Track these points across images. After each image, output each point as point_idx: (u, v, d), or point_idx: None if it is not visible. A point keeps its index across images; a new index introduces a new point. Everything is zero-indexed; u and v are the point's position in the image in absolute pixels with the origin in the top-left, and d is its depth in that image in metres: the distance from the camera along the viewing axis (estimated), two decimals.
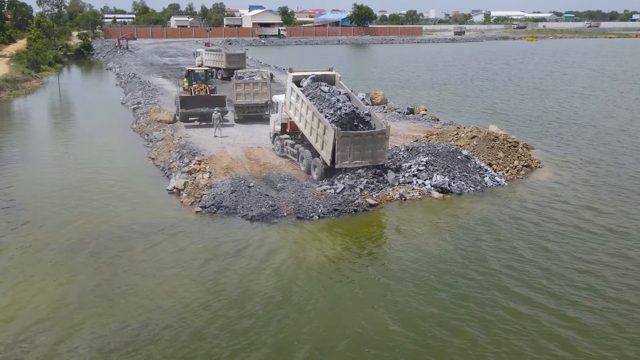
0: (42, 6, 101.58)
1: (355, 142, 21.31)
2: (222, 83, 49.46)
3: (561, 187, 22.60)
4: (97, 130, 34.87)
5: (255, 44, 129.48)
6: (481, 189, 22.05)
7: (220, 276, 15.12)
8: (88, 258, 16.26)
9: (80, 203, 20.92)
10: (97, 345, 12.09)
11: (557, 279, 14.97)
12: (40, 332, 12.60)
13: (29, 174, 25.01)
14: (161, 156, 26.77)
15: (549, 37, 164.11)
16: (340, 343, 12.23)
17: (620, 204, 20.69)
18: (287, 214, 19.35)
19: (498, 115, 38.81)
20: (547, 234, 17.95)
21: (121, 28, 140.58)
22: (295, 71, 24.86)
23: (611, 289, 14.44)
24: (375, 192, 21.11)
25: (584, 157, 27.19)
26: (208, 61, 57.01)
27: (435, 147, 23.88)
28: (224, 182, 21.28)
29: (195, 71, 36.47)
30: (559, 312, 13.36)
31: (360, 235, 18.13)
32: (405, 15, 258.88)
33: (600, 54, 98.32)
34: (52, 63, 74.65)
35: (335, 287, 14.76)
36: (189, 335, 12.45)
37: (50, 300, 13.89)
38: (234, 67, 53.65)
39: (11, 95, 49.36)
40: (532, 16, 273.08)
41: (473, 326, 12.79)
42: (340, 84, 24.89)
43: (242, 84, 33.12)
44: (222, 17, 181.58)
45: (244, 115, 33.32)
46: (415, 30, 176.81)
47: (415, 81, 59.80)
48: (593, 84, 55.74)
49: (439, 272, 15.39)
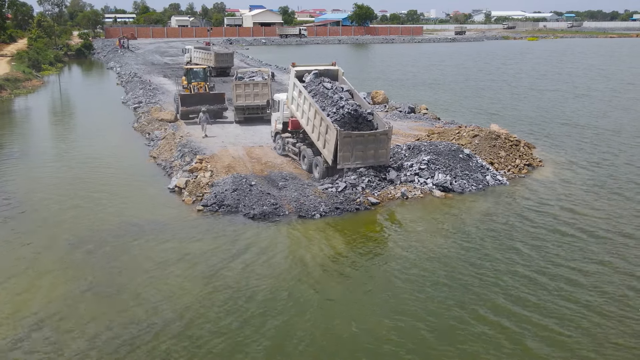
0: (42, 6, 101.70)
1: (357, 143, 21.25)
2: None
3: (562, 186, 22.58)
4: (98, 129, 34.86)
5: (256, 44, 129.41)
6: (483, 188, 22.03)
7: (221, 275, 15.10)
8: (88, 256, 16.24)
9: (81, 201, 20.91)
10: (96, 345, 12.06)
11: (557, 280, 14.94)
12: (39, 330, 12.59)
13: (29, 172, 25.01)
14: (162, 155, 26.77)
15: (550, 37, 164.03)
16: (340, 343, 12.21)
17: (621, 205, 20.66)
18: (289, 212, 19.34)
19: (498, 114, 38.77)
20: (548, 234, 17.91)
21: (122, 28, 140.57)
22: (297, 66, 24.72)
23: (614, 290, 14.42)
24: (377, 190, 21.09)
25: (586, 156, 27.17)
26: (197, 59, 57.80)
27: (436, 146, 23.86)
28: (226, 180, 21.28)
29: (194, 69, 36.66)
30: (560, 314, 13.33)
31: (361, 234, 18.11)
32: (406, 15, 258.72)
33: (598, 54, 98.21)
34: (52, 62, 74.67)
35: (337, 286, 14.74)
36: (188, 335, 12.42)
37: (49, 299, 13.87)
38: (222, 66, 54.15)
39: (12, 94, 49.36)
40: (532, 16, 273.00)
41: (472, 327, 12.76)
42: (343, 79, 24.80)
43: (242, 85, 32.49)
44: (222, 17, 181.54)
45: (244, 116, 32.87)
46: (416, 30, 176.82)
47: (415, 81, 59.78)
48: (592, 84, 55.70)
49: (440, 271, 15.36)
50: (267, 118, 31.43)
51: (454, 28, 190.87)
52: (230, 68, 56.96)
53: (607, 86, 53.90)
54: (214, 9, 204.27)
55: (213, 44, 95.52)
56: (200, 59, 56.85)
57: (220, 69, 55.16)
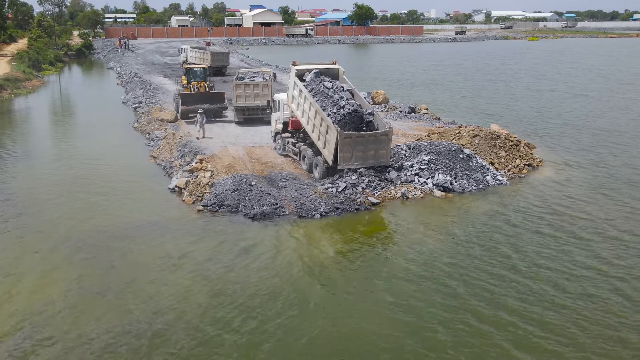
0: (42, 6, 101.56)
1: (358, 144, 21.24)
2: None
3: (563, 187, 22.56)
4: (98, 129, 34.85)
5: (256, 44, 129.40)
6: (483, 188, 22.02)
7: (221, 275, 15.10)
8: (88, 256, 16.23)
9: (81, 201, 20.91)
10: (95, 346, 12.06)
11: (558, 280, 14.93)
12: (39, 330, 12.59)
13: (28, 172, 25.01)
14: (163, 155, 26.76)
15: (550, 37, 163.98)
16: (340, 343, 12.21)
17: (622, 204, 20.65)
18: (289, 212, 19.33)
19: (498, 114, 38.75)
20: (549, 235, 17.90)
21: (122, 27, 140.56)
22: (298, 64, 24.66)
23: (613, 291, 14.41)
24: (377, 190, 21.08)
25: (586, 156, 27.16)
26: (193, 58, 58.52)
27: (437, 146, 23.85)
28: (226, 180, 21.27)
29: (194, 69, 36.98)
30: (561, 316, 13.32)
31: (362, 234, 18.09)
32: (406, 15, 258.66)
33: (597, 54, 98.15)
34: (53, 62, 74.62)
35: (337, 286, 14.73)
36: (187, 335, 12.41)
37: (48, 299, 13.87)
38: (218, 65, 54.43)
39: (12, 94, 49.33)
40: (532, 16, 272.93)
41: (473, 327, 12.76)
42: (344, 78, 24.77)
43: (243, 86, 32.17)
44: (222, 17, 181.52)
45: (244, 117, 32.51)
46: (416, 30, 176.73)
47: (415, 81, 59.75)
48: (592, 85, 55.68)
49: (441, 272, 15.35)
50: (268, 119, 31.14)
51: (454, 28, 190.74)
52: (226, 67, 57.32)
53: (606, 86, 53.88)
54: (214, 9, 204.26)
55: (213, 44, 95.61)
56: (197, 59, 57.41)
57: (216, 68, 55.43)
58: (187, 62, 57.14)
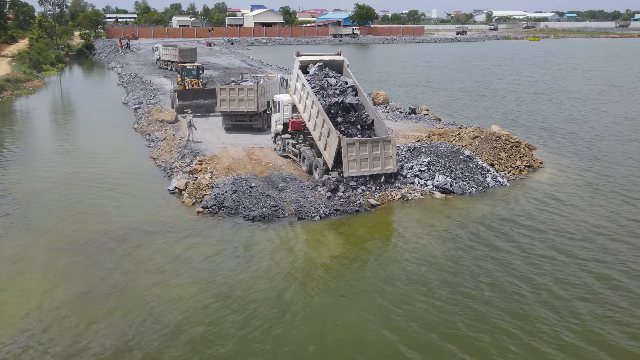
0: (43, 6, 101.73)
1: (361, 150, 20.84)
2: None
3: (563, 188, 22.52)
4: (99, 130, 34.85)
5: (257, 44, 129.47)
6: (483, 190, 21.98)
7: (220, 277, 15.08)
8: (87, 258, 16.21)
9: (81, 202, 20.90)
10: (94, 349, 12.06)
11: (559, 281, 14.90)
12: (39, 331, 12.59)
13: (28, 173, 25.00)
14: (163, 156, 26.75)
15: (551, 37, 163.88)
16: (340, 344, 12.19)
17: (622, 205, 20.61)
18: (289, 214, 19.32)
19: (499, 115, 38.72)
20: (549, 235, 17.86)
21: (123, 28, 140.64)
22: (302, 55, 24.25)
23: (612, 292, 14.39)
24: (377, 192, 21.05)
25: (587, 157, 27.11)
26: (164, 55, 63.92)
27: (437, 147, 23.81)
28: (226, 182, 21.26)
29: (188, 67, 40.70)
30: (562, 317, 13.30)
31: (361, 235, 18.07)
32: (407, 15, 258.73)
33: (597, 54, 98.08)
34: (54, 63, 74.71)
35: (337, 288, 14.71)
36: (187, 336, 12.40)
37: (48, 301, 13.86)
38: (185, 61, 56.22)
39: (13, 95, 49.39)
40: (533, 16, 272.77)
41: (473, 327, 12.74)
42: (348, 72, 24.55)
43: (227, 89, 30.13)
44: (224, 17, 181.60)
45: (232, 123, 30.57)
46: (417, 30, 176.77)
47: (415, 81, 59.71)
48: (591, 85, 55.62)
49: (441, 273, 15.32)
50: (257, 127, 30.23)
51: (455, 28, 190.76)
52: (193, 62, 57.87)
53: (606, 87, 53.79)
54: (215, 9, 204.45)
55: (214, 44, 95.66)
56: (167, 55, 63.04)
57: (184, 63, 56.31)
58: (160, 59, 64.76)
